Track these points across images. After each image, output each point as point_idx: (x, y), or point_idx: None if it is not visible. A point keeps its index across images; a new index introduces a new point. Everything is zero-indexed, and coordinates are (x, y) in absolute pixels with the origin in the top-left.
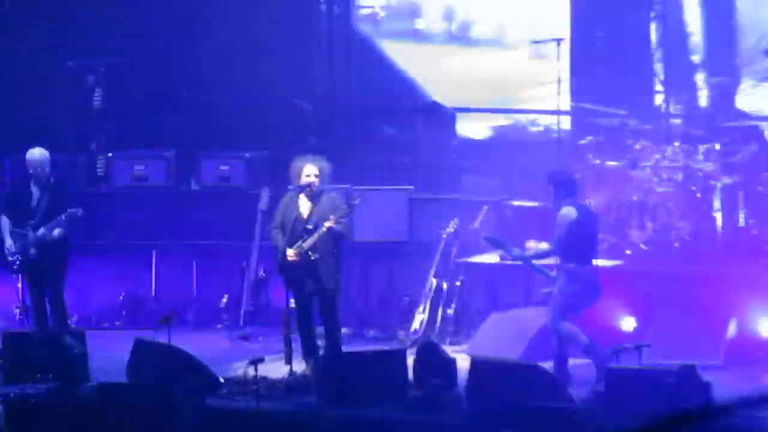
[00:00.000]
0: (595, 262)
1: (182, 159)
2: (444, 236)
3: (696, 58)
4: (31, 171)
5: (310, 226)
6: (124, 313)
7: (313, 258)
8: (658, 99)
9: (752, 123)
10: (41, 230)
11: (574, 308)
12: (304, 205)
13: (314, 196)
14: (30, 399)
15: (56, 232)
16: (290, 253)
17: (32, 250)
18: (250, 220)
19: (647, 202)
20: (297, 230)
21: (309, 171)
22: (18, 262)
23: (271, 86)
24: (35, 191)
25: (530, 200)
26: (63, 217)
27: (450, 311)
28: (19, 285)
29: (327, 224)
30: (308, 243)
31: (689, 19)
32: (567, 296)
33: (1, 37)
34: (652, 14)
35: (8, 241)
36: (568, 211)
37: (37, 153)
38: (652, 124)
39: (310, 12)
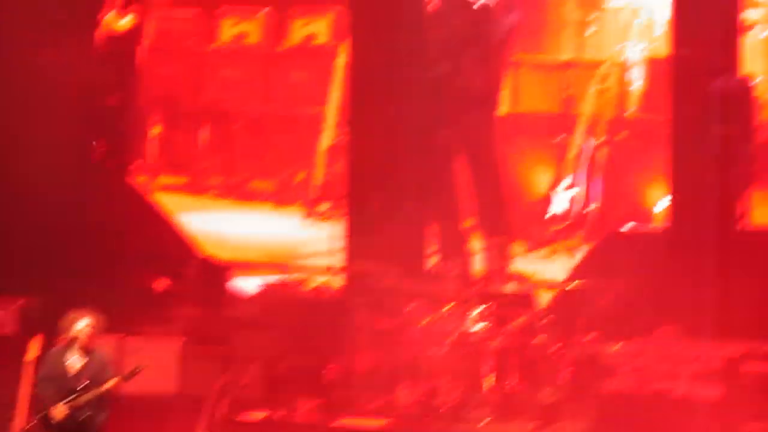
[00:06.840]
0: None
1: None
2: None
3: (469, 222)
4: None
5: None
6: None
7: (81, 419)
8: (433, 260)
9: (524, 290)
10: None
11: None
12: (75, 360)
13: (87, 352)
14: None
15: None
16: (61, 410)
17: None
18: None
19: (418, 363)
20: (65, 387)
21: (81, 324)
22: None
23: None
24: None
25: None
26: None
27: None
28: None
29: (108, 385)
30: (79, 402)
31: (462, 182)
32: None
33: None
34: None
35: None
36: None
37: None
38: (425, 285)
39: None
